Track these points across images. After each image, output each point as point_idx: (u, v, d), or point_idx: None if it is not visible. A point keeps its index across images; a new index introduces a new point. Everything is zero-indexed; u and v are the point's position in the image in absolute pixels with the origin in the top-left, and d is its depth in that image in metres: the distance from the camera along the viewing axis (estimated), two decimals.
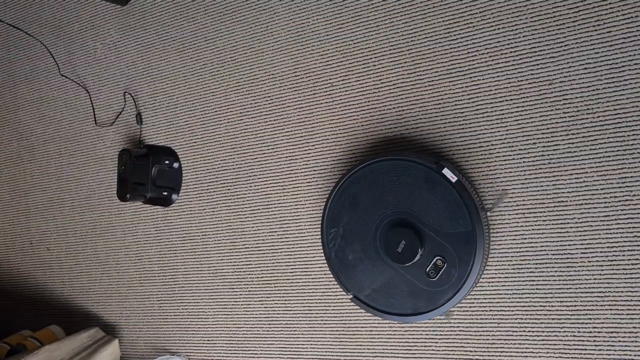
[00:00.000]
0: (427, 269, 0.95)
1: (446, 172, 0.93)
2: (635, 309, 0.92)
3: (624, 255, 0.92)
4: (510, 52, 0.98)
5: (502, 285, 1.00)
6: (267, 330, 1.21)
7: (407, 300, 0.97)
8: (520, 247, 0.99)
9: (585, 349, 0.95)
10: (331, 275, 1.03)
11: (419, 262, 0.95)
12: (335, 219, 1.02)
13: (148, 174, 1.25)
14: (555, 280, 0.96)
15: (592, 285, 0.94)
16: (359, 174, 0.99)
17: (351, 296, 1.02)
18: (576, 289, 0.95)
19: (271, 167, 1.19)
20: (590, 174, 0.94)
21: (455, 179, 0.93)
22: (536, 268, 0.98)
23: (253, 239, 1.21)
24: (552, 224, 0.96)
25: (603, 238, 0.93)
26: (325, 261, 1.06)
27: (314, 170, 1.15)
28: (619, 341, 0.93)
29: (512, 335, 1.00)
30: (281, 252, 1.19)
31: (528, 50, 0.96)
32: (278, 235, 1.19)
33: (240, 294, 1.23)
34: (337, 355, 1.14)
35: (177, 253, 1.30)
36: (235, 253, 1.23)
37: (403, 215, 0.96)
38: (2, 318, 1.53)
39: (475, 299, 1.02)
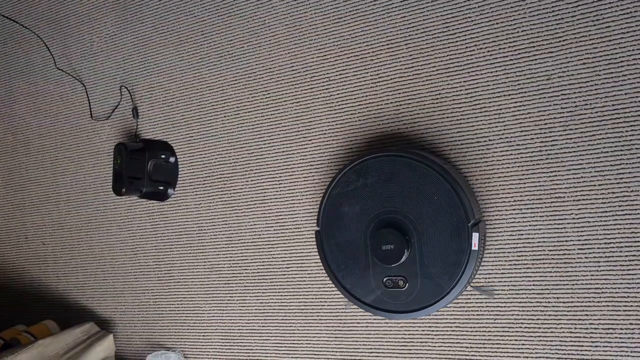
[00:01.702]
0: (386, 278, 0.96)
1: (474, 237, 0.91)
2: (632, 306, 0.91)
3: (621, 251, 0.92)
4: (509, 47, 0.97)
5: (499, 281, 1.00)
6: (263, 326, 1.20)
7: (354, 279, 0.99)
8: (517, 243, 0.98)
9: (582, 346, 0.95)
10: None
11: (388, 266, 0.96)
12: (362, 172, 0.98)
13: (144, 168, 1.24)
14: (552, 276, 0.96)
15: (589, 282, 0.94)
16: (411, 163, 0.94)
17: (317, 229, 1.02)
18: (573, 285, 0.95)
19: (268, 161, 1.18)
20: (588, 170, 0.93)
21: (476, 248, 0.91)
22: (533, 264, 0.97)
23: (249, 234, 1.21)
24: (550, 220, 0.96)
25: (600, 234, 0.93)
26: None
27: (311, 165, 1.14)
28: (616, 338, 0.93)
29: (508, 331, 1.00)
30: (277, 247, 1.18)
31: (526, 45, 0.96)
32: (274, 230, 1.18)
33: (236, 290, 1.23)
34: (332, 352, 1.14)
35: (173, 248, 1.29)
36: (231, 248, 1.23)
37: (411, 225, 0.95)
38: None
39: (471, 294, 1.02)
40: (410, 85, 1.05)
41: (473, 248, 0.91)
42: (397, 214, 0.96)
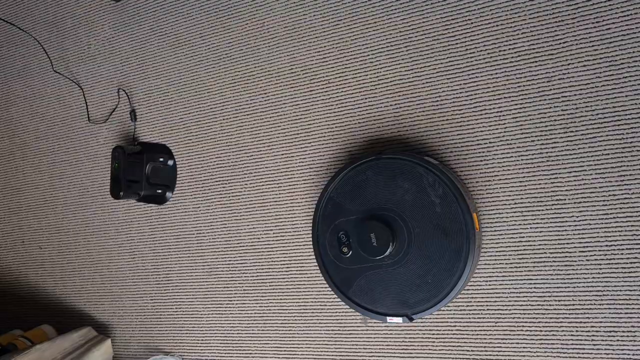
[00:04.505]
0: (342, 233, 0.99)
1: (399, 318, 0.96)
2: (633, 308, 0.91)
3: (622, 253, 0.92)
4: (509, 49, 0.97)
5: (500, 284, 1.00)
6: (262, 330, 1.20)
7: (328, 215, 1.02)
8: (518, 246, 0.98)
9: (584, 348, 0.94)
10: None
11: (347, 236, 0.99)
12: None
13: (142, 171, 1.24)
14: (553, 278, 0.96)
15: (590, 284, 0.94)
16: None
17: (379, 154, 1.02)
18: (574, 287, 0.95)
19: (267, 164, 1.18)
20: (588, 172, 0.93)
21: (391, 322, 0.98)
22: (534, 267, 0.97)
23: (248, 237, 1.20)
24: (551, 223, 0.96)
25: (601, 237, 0.93)
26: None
27: (311, 168, 1.14)
28: (617, 340, 0.92)
29: (509, 334, 0.99)
30: (276, 250, 1.17)
31: (527, 48, 0.96)
32: (273, 233, 1.18)
33: (235, 293, 1.22)
34: (332, 355, 1.13)
35: (171, 251, 1.29)
36: (230, 251, 1.22)
37: (407, 241, 0.96)
38: None
39: (472, 297, 1.01)
40: (410, 87, 1.05)
41: (389, 320, 0.98)
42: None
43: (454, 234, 0.92)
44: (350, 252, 0.99)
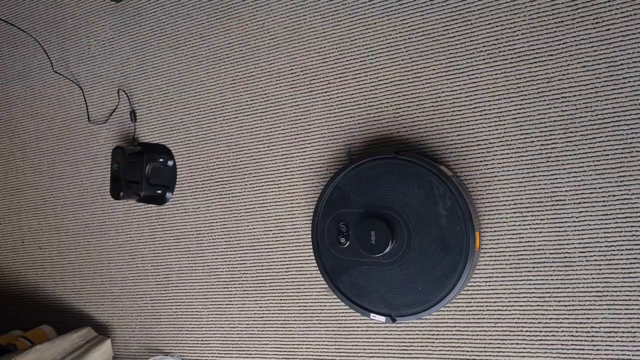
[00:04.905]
0: (342, 224, 1.00)
1: (379, 317, 0.99)
2: (633, 308, 0.91)
3: (622, 254, 0.92)
4: (509, 50, 0.97)
5: (499, 285, 1.00)
6: (262, 330, 1.20)
7: (329, 208, 1.03)
8: (517, 246, 0.98)
9: (583, 349, 0.94)
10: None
11: (345, 226, 1.00)
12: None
13: (142, 172, 1.24)
14: (552, 279, 0.96)
15: (590, 285, 0.94)
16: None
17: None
18: (574, 288, 0.95)
19: (267, 165, 1.18)
20: (588, 173, 0.93)
21: (375, 318, 1.00)
22: (534, 267, 0.97)
23: (248, 238, 1.20)
24: (550, 223, 0.96)
25: (601, 237, 0.93)
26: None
27: (310, 168, 1.14)
28: (617, 341, 0.92)
29: (509, 334, 0.99)
30: (276, 251, 1.17)
31: (526, 48, 0.96)
32: (273, 234, 1.18)
33: (235, 294, 1.22)
34: (332, 356, 1.13)
35: (171, 252, 1.29)
36: (230, 252, 1.22)
37: (407, 241, 0.96)
38: None
39: (472, 298, 1.01)
40: (409, 88, 1.05)
41: (372, 316, 0.99)
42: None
43: (453, 250, 0.92)
44: (348, 244, 0.99)
